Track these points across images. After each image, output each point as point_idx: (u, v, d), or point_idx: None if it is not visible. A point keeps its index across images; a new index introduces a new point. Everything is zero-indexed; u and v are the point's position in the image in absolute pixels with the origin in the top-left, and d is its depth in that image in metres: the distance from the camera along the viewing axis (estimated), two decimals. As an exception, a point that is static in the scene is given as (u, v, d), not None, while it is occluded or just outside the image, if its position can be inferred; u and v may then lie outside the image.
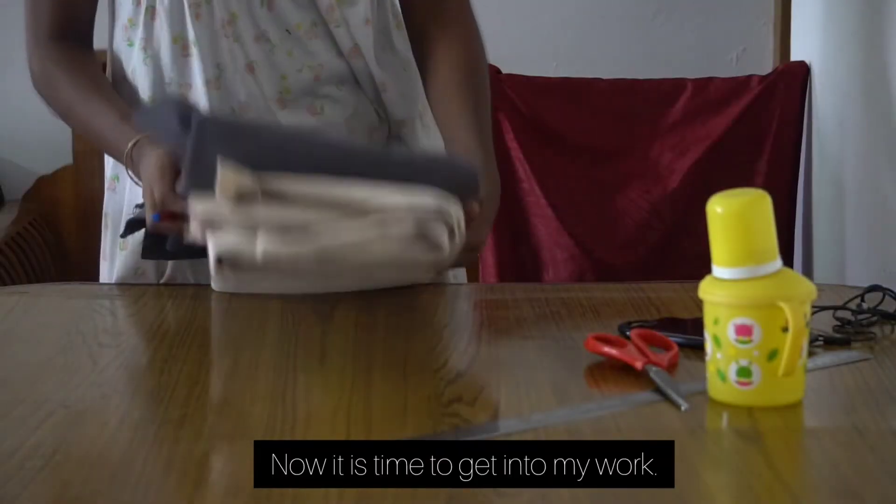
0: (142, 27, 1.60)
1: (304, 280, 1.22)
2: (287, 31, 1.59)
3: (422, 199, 1.25)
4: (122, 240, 1.65)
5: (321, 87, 1.61)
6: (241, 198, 1.24)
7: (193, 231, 1.27)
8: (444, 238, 1.22)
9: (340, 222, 1.24)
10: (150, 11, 1.59)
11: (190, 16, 1.57)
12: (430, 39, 1.65)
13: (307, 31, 1.60)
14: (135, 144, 1.48)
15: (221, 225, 1.23)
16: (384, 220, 1.22)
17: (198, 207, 1.25)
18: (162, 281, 1.64)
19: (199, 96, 1.59)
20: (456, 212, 1.25)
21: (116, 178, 1.68)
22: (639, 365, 1.26)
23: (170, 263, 1.62)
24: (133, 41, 1.61)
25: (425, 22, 1.66)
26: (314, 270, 1.21)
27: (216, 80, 1.59)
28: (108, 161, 1.68)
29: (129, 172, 1.51)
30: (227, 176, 1.25)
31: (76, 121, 1.59)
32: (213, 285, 1.52)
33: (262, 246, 1.20)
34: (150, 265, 1.64)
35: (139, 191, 1.47)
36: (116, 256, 1.66)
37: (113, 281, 1.67)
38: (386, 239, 1.21)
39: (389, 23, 1.67)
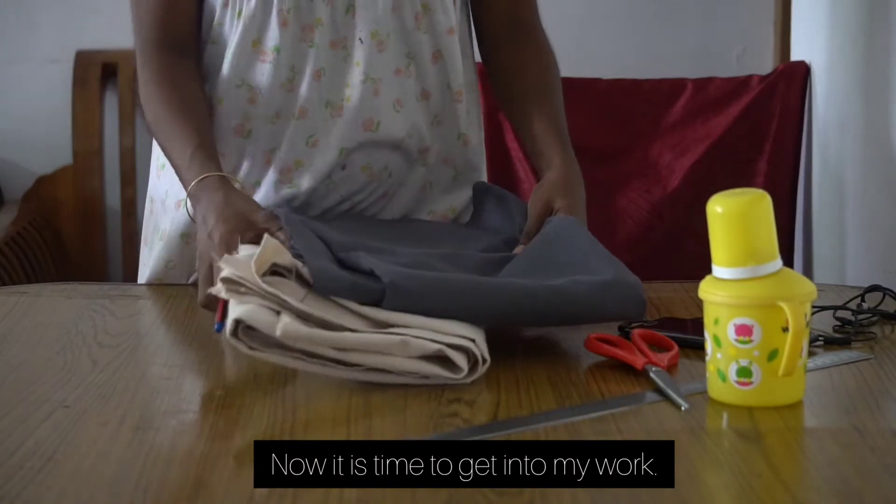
0: (226, 28, 1.62)
1: (317, 365, 1.21)
2: (360, 39, 1.60)
3: (450, 327, 1.25)
4: (161, 230, 1.67)
5: (379, 102, 1.61)
6: (275, 273, 1.24)
7: (217, 288, 1.24)
8: (463, 363, 1.22)
9: (363, 326, 1.25)
10: (237, 15, 1.60)
11: (277, 22, 1.59)
12: (507, 48, 1.72)
13: (379, 43, 1.61)
14: (199, 183, 1.48)
15: (246, 294, 1.22)
16: (407, 335, 1.23)
17: (229, 270, 1.23)
18: (190, 281, 1.65)
19: (267, 98, 1.60)
20: (480, 343, 1.26)
21: (163, 166, 1.69)
22: (639, 365, 1.26)
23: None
24: (217, 41, 1.63)
25: (502, 33, 1.72)
26: (329, 357, 1.21)
27: (289, 83, 1.60)
28: (156, 148, 1.69)
29: (188, 208, 1.50)
30: (269, 246, 1.24)
31: (158, 138, 1.60)
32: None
33: (283, 322, 1.20)
34: (181, 258, 1.65)
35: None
36: (155, 245, 1.68)
37: (148, 268, 1.68)
38: (407, 346, 1.21)
39: (466, 34, 1.70)
